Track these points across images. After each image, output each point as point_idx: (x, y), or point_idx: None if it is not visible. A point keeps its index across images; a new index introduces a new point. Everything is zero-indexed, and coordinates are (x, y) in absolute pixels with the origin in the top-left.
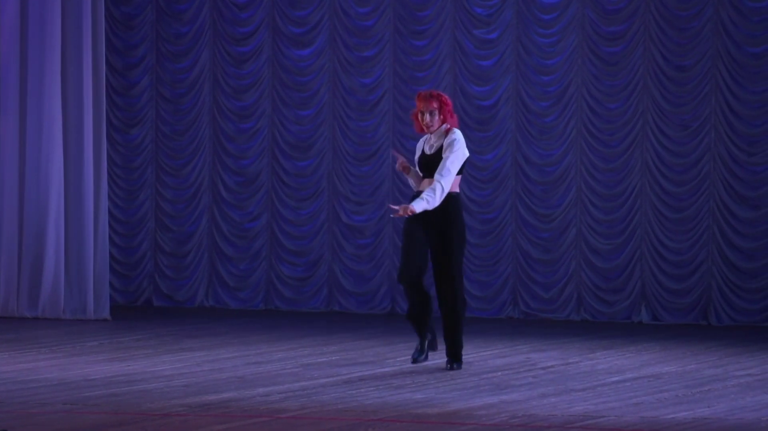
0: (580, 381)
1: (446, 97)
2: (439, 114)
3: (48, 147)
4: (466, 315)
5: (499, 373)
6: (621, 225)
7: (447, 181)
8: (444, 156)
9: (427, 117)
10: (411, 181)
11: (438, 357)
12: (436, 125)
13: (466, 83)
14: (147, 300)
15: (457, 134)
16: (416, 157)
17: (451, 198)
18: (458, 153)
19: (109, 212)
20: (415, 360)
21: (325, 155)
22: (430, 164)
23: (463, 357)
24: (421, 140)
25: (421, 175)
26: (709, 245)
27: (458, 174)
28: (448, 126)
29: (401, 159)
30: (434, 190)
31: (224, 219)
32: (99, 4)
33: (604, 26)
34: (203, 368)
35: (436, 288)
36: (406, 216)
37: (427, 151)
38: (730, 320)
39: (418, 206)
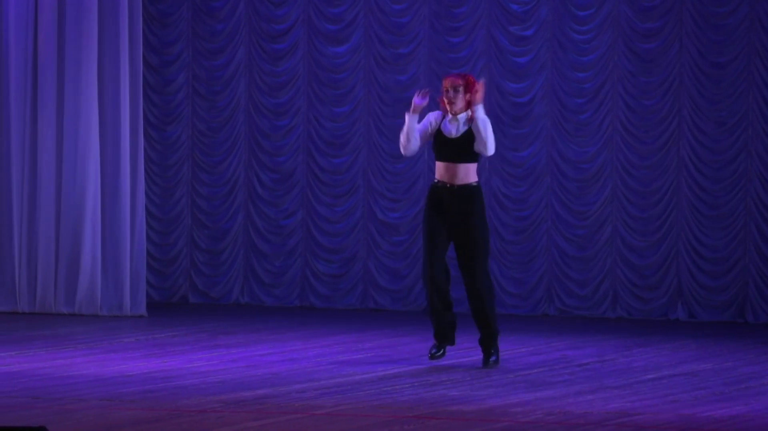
0: (617, 378)
1: (474, 78)
2: (465, 92)
3: (85, 144)
4: (496, 308)
5: (535, 370)
6: (657, 222)
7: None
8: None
9: (451, 92)
10: (408, 127)
11: (467, 354)
12: (459, 104)
13: (502, 80)
14: (183, 296)
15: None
16: (424, 131)
17: (473, 187)
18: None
19: (146, 209)
20: (432, 356)
21: (360, 152)
22: (456, 148)
23: (499, 354)
24: (433, 116)
25: (418, 137)
26: (746, 242)
27: (476, 162)
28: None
29: (426, 99)
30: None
31: (260, 216)
32: (136, 2)
33: (640, 23)
34: (239, 364)
35: (464, 281)
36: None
37: (453, 134)
38: (767, 317)
39: (482, 112)
